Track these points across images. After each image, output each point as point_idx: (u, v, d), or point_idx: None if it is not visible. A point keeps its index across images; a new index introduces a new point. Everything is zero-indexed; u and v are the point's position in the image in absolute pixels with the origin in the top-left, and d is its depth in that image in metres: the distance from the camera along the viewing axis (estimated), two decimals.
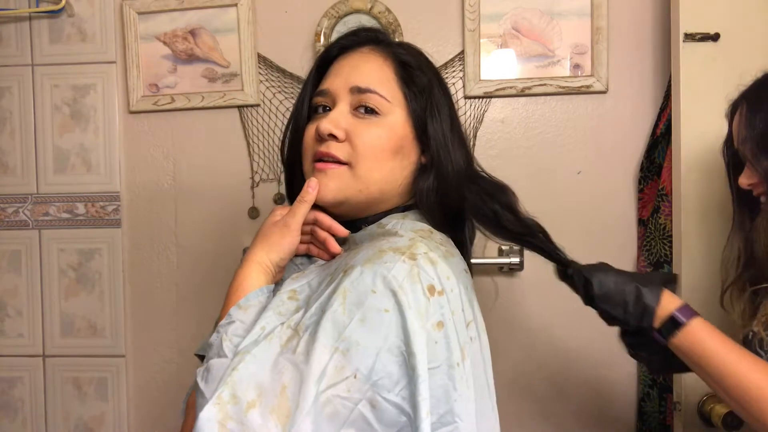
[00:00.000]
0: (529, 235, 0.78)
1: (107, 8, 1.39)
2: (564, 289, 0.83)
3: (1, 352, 1.45)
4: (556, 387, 1.33)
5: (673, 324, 0.75)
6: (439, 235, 0.71)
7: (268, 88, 1.37)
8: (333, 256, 0.74)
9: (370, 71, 0.74)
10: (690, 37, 1.13)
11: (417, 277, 0.60)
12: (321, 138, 0.73)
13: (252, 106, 1.37)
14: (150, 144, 1.42)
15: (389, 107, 0.73)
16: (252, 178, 1.38)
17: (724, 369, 0.72)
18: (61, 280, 1.43)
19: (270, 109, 1.37)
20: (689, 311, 0.76)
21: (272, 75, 1.37)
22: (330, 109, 0.75)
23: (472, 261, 1.20)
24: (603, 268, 0.80)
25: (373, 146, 0.71)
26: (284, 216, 0.73)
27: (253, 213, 1.38)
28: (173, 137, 1.41)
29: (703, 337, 0.74)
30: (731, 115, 0.91)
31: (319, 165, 0.73)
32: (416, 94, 0.74)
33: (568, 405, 1.33)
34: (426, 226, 0.72)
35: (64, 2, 1.36)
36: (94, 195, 1.42)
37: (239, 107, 1.38)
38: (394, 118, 0.73)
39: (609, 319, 0.80)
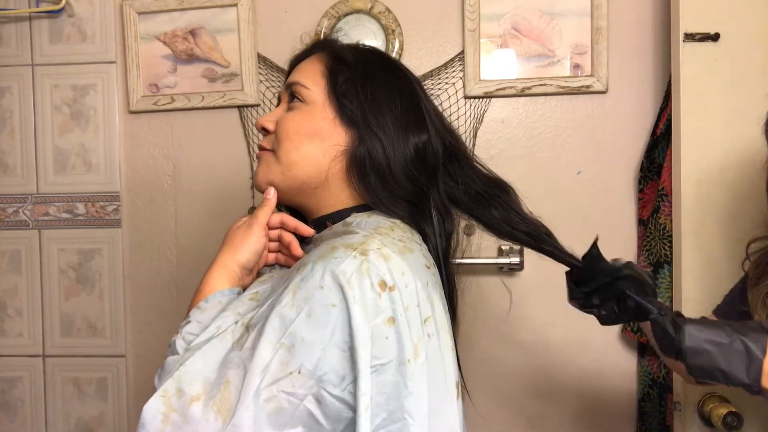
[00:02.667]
0: (538, 237, 0.77)
1: (107, 8, 1.40)
2: (564, 289, 0.82)
3: (1, 352, 1.45)
4: (556, 387, 1.33)
5: None
6: (400, 232, 0.70)
7: (268, 88, 1.37)
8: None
9: (303, 68, 0.79)
10: (690, 37, 1.13)
11: (366, 273, 0.60)
12: (262, 135, 0.80)
13: (252, 106, 1.37)
14: (150, 144, 1.42)
15: (308, 94, 0.75)
16: (252, 178, 1.38)
17: None
18: (61, 280, 1.43)
19: (270, 109, 1.37)
20: None
21: (272, 75, 1.37)
22: None
23: (471, 261, 1.23)
24: (686, 319, 0.70)
25: (288, 129, 0.75)
26: (246, 219, 0.76)
27: None
28: (173, 137, 1.41)
29: None
30: None
31: (257, 155, 0.79)
32: (339, 80, 0.75)
33: (568, 405, 1.33)
34: (388, 222, 0.71)
35: (64, 2, 1.36)
36: (94, 195, 1.42)
37: (239, 107, 1.38)
38: (314, 103, 0.75)
39: (701, 374, 0.69)
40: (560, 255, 0.77)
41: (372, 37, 1.32)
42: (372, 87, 0.75)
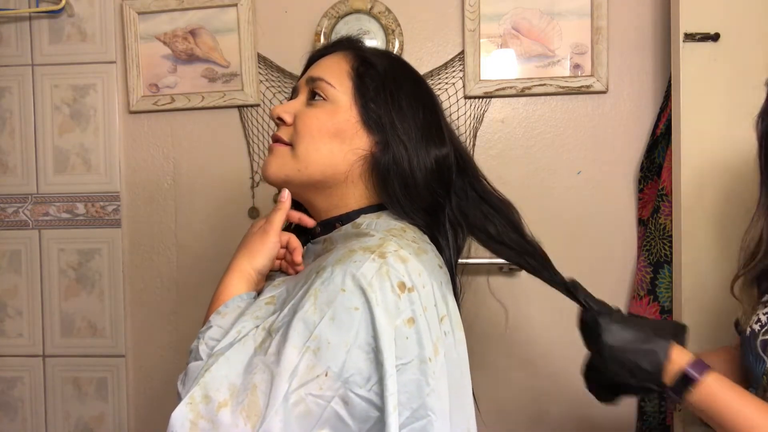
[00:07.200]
0: (531, 256, 0.79)
1: (107, 8, 1.40)
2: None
3: (1, 352, 1.45)
4: (556, 387, 1.33)
5: (686, 382, 0.72)
6: (412, 233, 0.71)
7: (268, 88, 1.37)
8: (297, 271, 0.76)
9: (327, 64, 0.78)
10: (690, 37, 1.13)
11: (386, 275, 0.61)
12: (276, 124, 0.79)
13: (252, 106, 1.37)
14: (150, 144, 1.42)
15: (334, 93, 0.74)
16: (252, 178, 1.38)
17: (746, 425, 0.69)
18: (61, 280, 1.43)
19: (270, 109, 1.37)
20: (701, 366, 0.72)
21: (272, 75, 1.37)
22: None
23: (471, 261, 1.22)
24: (618, 317, 0.76)
25: (309, 126, 0.74)
26: (262, 224, 0.76)
27: (253, 213, 1.38)
28: (173, 137, 1.41)
29: (717, 393, 0.71)
30: None
31: (270, 146, 0.78)
32: (367, 84, 0.75)
33: (568, 404, 1.33)
34: (399, 224, 0.72)
35: (64, 2, 1.36)
36: (94, 195, 1.42)
37: (239, 107, 1.38)
38: (338, 102, 0.74)
39: (608, 374, 0.75)
40: (556, 282, 0.79)
41: (372, 37, 1.32)
42: (399, 96, 0.75)
